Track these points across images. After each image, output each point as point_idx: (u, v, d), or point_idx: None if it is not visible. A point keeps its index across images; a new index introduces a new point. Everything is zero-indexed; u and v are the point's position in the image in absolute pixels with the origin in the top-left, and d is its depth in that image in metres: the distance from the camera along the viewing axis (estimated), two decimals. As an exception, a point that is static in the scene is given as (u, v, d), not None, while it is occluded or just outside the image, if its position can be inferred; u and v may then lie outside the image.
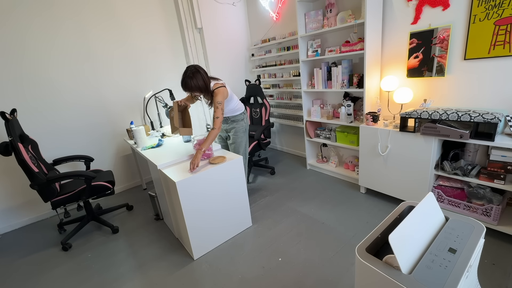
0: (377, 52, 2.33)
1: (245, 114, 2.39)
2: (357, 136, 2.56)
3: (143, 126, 2.58)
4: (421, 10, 2.06)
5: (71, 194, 2.15)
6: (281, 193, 2.72)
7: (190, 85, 1.92)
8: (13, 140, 1.86)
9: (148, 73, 3.24)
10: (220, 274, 1.75)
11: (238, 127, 2.34)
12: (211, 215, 1.93)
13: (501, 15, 1.71)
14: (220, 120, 1.98)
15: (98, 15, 2.80)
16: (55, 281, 1.87)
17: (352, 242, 1.91)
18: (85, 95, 2.86)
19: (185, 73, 1.93)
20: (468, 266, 0.84)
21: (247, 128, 2.43)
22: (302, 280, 1.63)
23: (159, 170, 1.95)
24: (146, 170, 3.38)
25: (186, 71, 1.93)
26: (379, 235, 1.02)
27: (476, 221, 1.03)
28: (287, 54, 3.35)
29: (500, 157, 1.66)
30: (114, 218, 2.64)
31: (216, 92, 2.01)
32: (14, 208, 2.64)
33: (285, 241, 1.99)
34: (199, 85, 1.93)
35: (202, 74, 1.94)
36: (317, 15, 2.61)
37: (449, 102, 2.09)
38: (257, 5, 3.57)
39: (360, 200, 2.43)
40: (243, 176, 2.08)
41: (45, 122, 2.68)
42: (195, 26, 3.33)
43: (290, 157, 3.74)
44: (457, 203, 1.90)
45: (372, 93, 2.41)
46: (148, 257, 2.00)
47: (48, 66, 2.61)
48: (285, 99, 3.52)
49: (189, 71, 1.92)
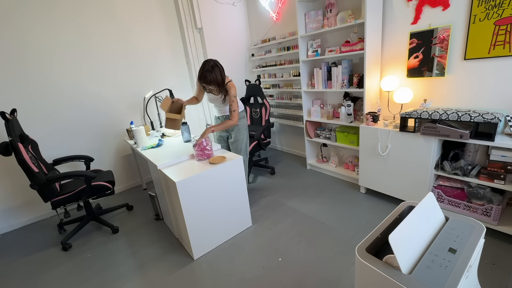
0: (377, 52, 2.33)
1: (244, 112, 2.41)
2: (357, 136, 2.56)
3: (143, 126, 2.58)
4: (421, 10, 2.06)
5: (71, 194, 2.15)
6: (281, 193, 2.72)
7: (209, 79, 1.96)
8: (13, 140, 1.86)
9: (148, 73, 3.24)
10: (220, 274, 1.75)
11: (240, 125, 2.34)
12: (211, 215, 1.93)
13: (501, 15, 1.71)
14: (237, 113, 2.12)
15: (99, 15, 2.80)
16: (55, 281, 1.87)
17: (352, 242, 1.91)
18: (85, 95, 2.86)
19: (203, 67, 1.97)
20: (468, 266, 0.84)
21: (247, 126, 2.45)
22: (302, 280, 1.63)
23: (159, 170, 1.95)
24: (146, 170, 3.38)
25: (204, 65, 1.97)
26: (379, 235, 1.02)
27: (476, 221, 1.03)
28: (287, 54, 3.35)
29: (500, 157, 1.66)
30: (114, 218, 2.64)
31: (229, 86, 2.09)
32: (14, 208, 2.64)
33: (285, 241, 1.99)
34: (217, 79, 1.98)
35: (220, 68, 2.00)
36: (317, 15, 2.61)
37: (449, 102, 2.09)
38: (257, 5, 3.57)
39: (360, 200, 2.43)
40: (243, 176, 2.08)
41: (45, 122, 2.68)
42: (195, 26, 3.33)
43: (290, 157, 3.74)
44: (457, 203, 1.90)
45: (372, 93, 2.41)
46: (148, 257, 2.00)
47: (48, 66, 2.61)
48: (285, 99, 3.52)
49: (208, 65, 1.96)
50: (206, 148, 2.00)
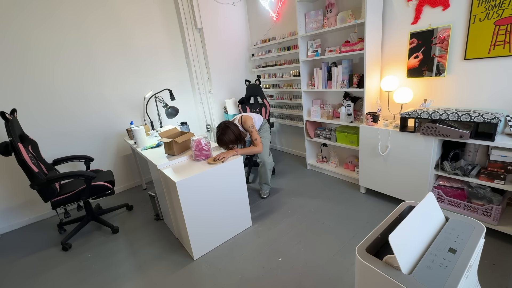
0: (377, 52, 2.32)
1: (265, 121, 2.68)
2: (357, 136, 2.56)
3: (143, 126, 2.58)
4: (421, 10, 2.06)
5: (71, 194, 2.15)
6: (281, 193, 2.72)
7: (225, 141, 2.16)
8: (13, 140, 1.86)
9: (148, 73, 3.24)
10: (220, 274, 1.75)
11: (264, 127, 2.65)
12: (211, 215, 1.93)
13: (501, 15, 1.71)
14: (259, 141, 2.33)
15: (100, 15, 2.80)
16: (55, 281, 1.87)
17: (352, 242, 1.91)
18: (85, 95, 2.85)
19: (217, 132, 2.20)
20: (468, 266, 0.84)
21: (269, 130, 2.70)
22: (302, 280, 1.63)
23: (159, 170, 1.95)
24: (146, 170, 3.38)
25: (217, 130, 2.20)
26: (379, 235, 1.02)
27: (476, 221, 1.03)
28: (287, 54, 3.35)
29: (500, 157, 1.65)
30: (114, 218, 2.64)
31: (243, 121, 2.32)
32: (14, 208, 2.64)
33: (285, 241, 1.99)
34: (231, 139, 2.17)
35: (231, 128, 2.18)
36: (317, 15, 2.61)
37: (449, 102, 2.09)
38: (257, 5, 3.56)
39: (360, 200, 2.43)
40: (243, 176, 2.08)
41: (45, 122, 2.68)
42: (195, 26, 3.33)
43: (290, 157, 3.73)
44: (457, 203, 1.90)
45: (372, 93, 2.41)
46: (148, 257, 2.00)
47: (48, 66, 2.61)
48: (285, 99, 3.52)
49: (220, 129, 2.18)
50: (204, 149, 2.00)
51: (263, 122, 2.66)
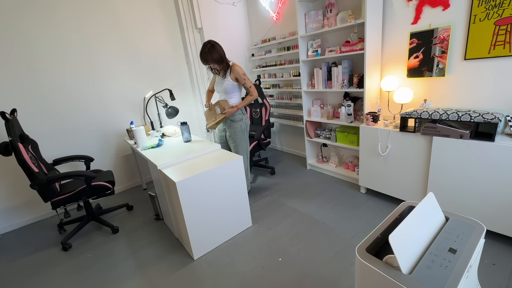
0: (377, 52, 2.32)
1: (244, 114, 2.42)
2: (357, 136, 2.56)
3: (143, 126, 2.59)
4: (421, 10, 2.06)
5: (71, 194, 2.15)
6: (281, 193, 2.72)
7: (206, 58, 2.13)
8: (13, 140, 1.86)
9: (148, 73, 3.24)
10: (220, 274, 1.75)
11: (236, 127, 2.39)
12: (211, 215, 1.93)
13: (501, 15, 1.71)
14: (254, 88, 2.28)
15: (100, 15, 2.80)
16: (55, 281, 1.87)
17: (352, 242, 1.91)
18: (85, 95, 2.85)
19: (202, 49, 2.14)
20: (468, 266, 0.84)
21: (247, 128, 2.46)
22: (302, 280, 1.63)
23: (159, 170, 1.95)
24: (146, 170, 3.38)
25: (203, 47, 2.15)
26: (379, 235, 1.02)
27: (476, 221, 1.03)
28: (287, 54, 3.35)
29: (500, 157, 1.65)
30: (114, 218, 2.64)
31: (234, 68, 2.24)
32: (14, 208, 2.64)
33: (285, 241, 1.99)
34: (214, 58, 2.14)
35: (217, 48, 2.15)
36: (317, 15, 2.61)
37: (449, 102, 2.09)
38: (257, 5, 3.56)
39: (360, 200, 2.43)
40: (243, 176, 2.08)
41: (45, 122, 2.68)
42: (195, 26, 3.33)
43: (290, 157, 3.73)
44: (457, 203, 1.89)
45: (372, 93, 2.41)
46: (148, 257, 2.00)
47: (48, 66, 2.61)
48: (285, 99, 3.52)
49: (205, 47, 2.13)
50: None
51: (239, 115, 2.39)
